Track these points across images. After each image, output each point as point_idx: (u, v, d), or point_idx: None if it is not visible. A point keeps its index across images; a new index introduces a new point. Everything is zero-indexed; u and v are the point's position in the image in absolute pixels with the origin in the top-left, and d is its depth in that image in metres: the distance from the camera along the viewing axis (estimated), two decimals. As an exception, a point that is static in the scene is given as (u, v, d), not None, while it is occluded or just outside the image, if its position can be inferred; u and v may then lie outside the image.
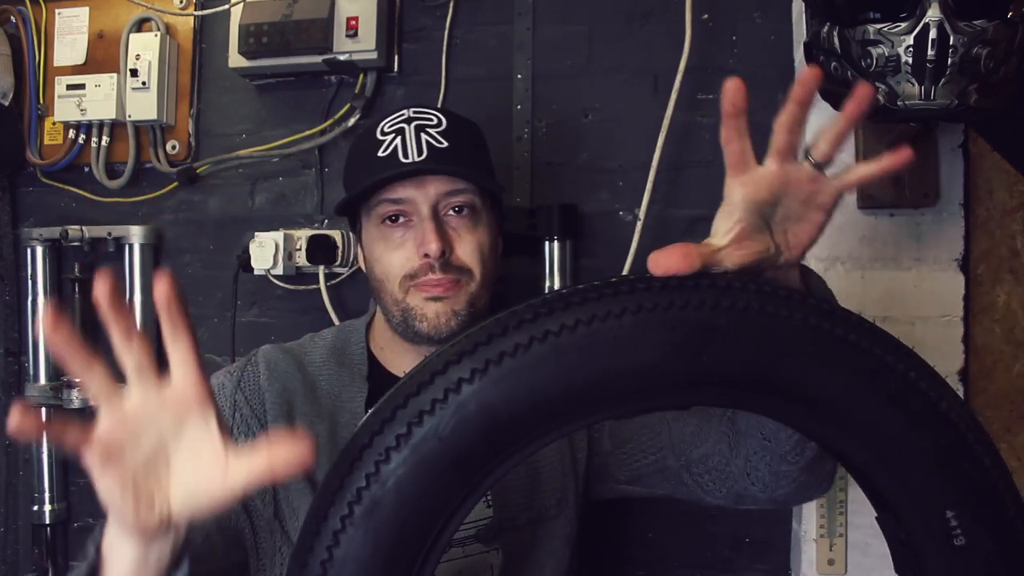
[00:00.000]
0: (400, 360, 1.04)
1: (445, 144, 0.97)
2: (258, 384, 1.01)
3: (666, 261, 0.61)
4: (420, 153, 0.96)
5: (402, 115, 1.00)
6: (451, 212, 0.99)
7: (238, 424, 0.98)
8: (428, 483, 0.59)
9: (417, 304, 0.97)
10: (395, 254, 0.98)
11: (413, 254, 0.96)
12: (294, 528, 0.95)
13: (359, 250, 1.07)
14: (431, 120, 0.99)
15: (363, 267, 1.06)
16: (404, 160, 0.96)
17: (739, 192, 0.66)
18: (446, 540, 0.63)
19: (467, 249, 0.98)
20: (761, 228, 0.67)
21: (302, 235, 1.52)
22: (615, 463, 1.08)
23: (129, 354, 0.57)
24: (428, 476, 0.59)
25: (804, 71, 0.66)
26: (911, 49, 0.88)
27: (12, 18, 1.69)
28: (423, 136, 0.97)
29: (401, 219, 0.98)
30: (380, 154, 0.97)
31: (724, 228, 0.66)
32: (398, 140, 0.97)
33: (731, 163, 0.66)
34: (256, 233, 1.53)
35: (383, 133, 0.99)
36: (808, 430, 0.69)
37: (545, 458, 1.04)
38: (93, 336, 1.77)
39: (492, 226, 1.03)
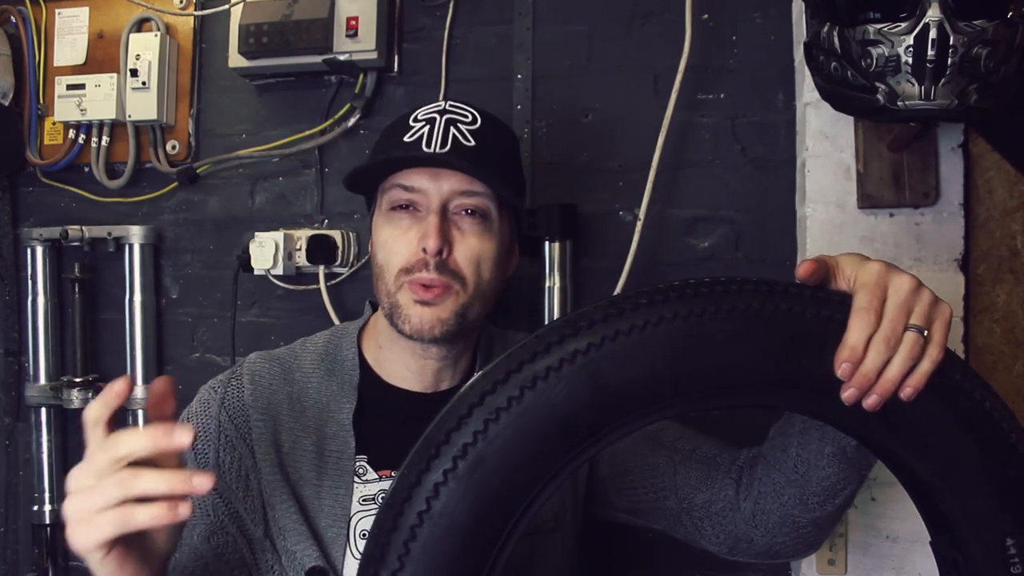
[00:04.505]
0: (397, 359, 1.02)
1: (472, 143, 0.95)
2: (242, 401, 0.99)
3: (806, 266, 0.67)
4: (444, 145, 0.94)
5: (439, 106, 0.98)
6: (462, 213, 0.96)
7: (224, 445, 0.97)
8: (533, 446, 0.61)
9: (405, 303, 0.94)
10: (397, 243, 0.95)
11: (414, 246, 0.94)
12: (283, 547, 0.93)
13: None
14: (465, 117, 0.97)
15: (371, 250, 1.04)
16: (426, 149, 0.94)
17: None
18: (536, 508, 0.64)
19: (466, 254, 0.95)
20: None
21: (302, 235, 1.52)
22: (613, 491, 1.07)
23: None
24: (534, 439, 0.61)
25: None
26: (911, 49, 0.87)
27: (12, 18, 1.69)
28: (452, 130, 0.95)
29: (410, 208, 0.96)
30: (406, 139, 0.95)
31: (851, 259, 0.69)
32: (426, 129, 0.95)
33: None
34: (256, 233, 1.53)
35: (415, 120, 0.97)
36: (877, 443, 0.71)
37: None
38: (92, 336, 1.77)
39: (503, 240, 0.99)
